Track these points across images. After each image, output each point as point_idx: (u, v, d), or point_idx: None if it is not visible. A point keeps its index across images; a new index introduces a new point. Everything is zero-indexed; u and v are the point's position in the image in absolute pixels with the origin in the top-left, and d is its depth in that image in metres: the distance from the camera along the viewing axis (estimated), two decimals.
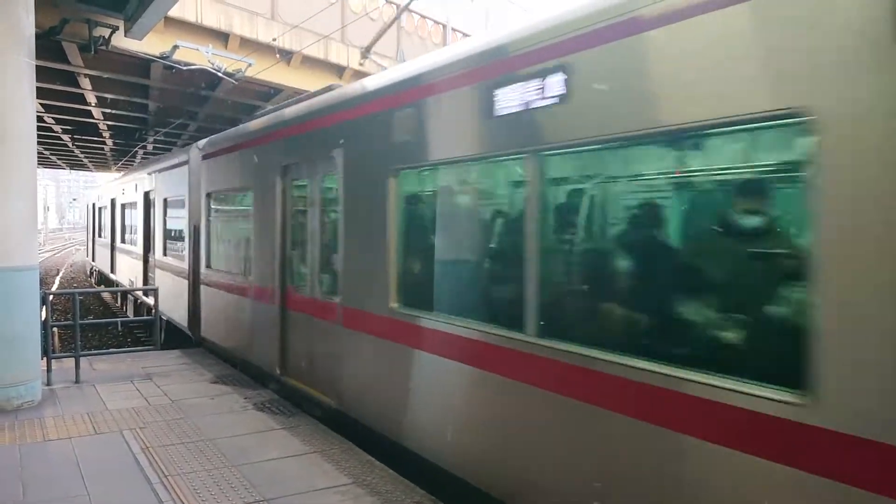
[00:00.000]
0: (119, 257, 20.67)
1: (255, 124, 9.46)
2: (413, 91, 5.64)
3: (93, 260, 29.43)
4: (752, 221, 3.37)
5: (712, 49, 3.22)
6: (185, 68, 15.17)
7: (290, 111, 8.33)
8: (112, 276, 22.10)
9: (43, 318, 8.47)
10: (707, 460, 3.21)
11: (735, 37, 3.13)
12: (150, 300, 13.88)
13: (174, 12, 14.23)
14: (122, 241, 19.93)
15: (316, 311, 7.38)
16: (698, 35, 3.29)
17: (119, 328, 18.82)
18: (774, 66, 2.95)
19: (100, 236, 26.56)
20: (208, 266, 10.99)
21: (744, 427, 3.04)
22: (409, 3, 12.22)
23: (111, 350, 14.15)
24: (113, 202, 22.00)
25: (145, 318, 16.64)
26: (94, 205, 29.36)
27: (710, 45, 3.23)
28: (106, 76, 17.20)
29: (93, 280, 30.95)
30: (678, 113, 3.37)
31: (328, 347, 7.06)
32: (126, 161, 36.17)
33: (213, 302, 10.72)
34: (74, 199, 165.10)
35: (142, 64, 16.45)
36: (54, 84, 17.56)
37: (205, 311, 11.19)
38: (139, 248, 16.56)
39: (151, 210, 15.21)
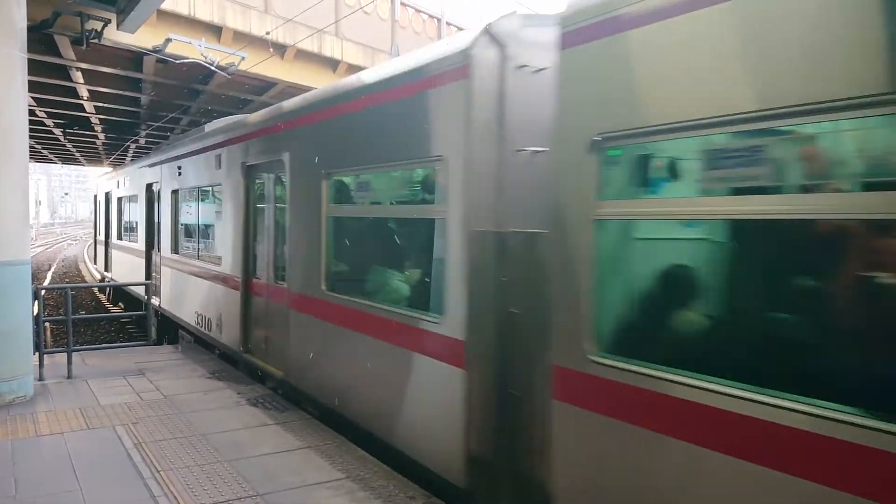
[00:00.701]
0: (166, 274, 12.89)
1: None
2: None
3: (106, 269, 20.84)
4: None
5: None
6: (177, 62, 15.10)
7: None
8: (153, 303, 12.31)
9: (35, 313, 8.44)
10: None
11: None
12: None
13: (167, 5, 14.18)
14: (175, 250, 12.45)
15: None
16: None
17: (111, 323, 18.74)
18: None
19: (119, 239, 18.71)
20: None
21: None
22: None
23: (103, 345, 14.10)
24: (152, 190, 14.43)
25: (138, 312, 14.08)
26: (107, 195, 20.91)
27: None
28: (98, 70, 17.09)
29: (105, 298, 23.11)
30: None
31: None
32: (118, 155, 36.01)
33: None
34: (66, 194, 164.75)
35: (134, 57, 16.38)
36: (46, 77, 17.46)
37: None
38: (229, 268, 9.34)
39: (271, 208, 8.31)
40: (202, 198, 11.16)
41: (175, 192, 12.39)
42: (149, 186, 14.55)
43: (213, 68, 15.24)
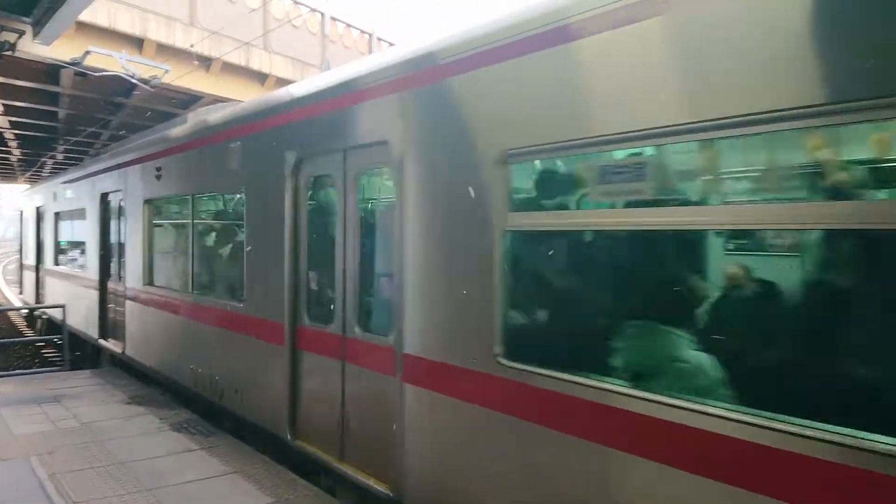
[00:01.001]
0: (134, 312, 9.80)
1: None
2: None
3: (38, 301, 17.11)
4: None
5: None
6: (96, 74, 14.60)
7: None
8: (111, 347, 10.67)
9: None
10: None
11: None
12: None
13: (85, 17, 13.72)
14: (149, 280, 9.31)
15: None
16: None
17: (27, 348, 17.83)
18: None
19: (56, 264, 15.23)
20: None
21: None
22: None
23: (17, 371, 13.37)
24: (108, 202, 11.38)
25: (53, 336, 13.36)
26: (39, 210, 17.18)
27: None
28: (12, 83, 16.42)
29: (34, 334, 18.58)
30: None
31: None
32: (34, 172, 34.56)
33: None
34: None
35: (51, 70, 15.86)
36: None
37: None
38: (258, 308, 6.60)
39: (353, 221, 5.46)
40: (201, 209, 8.48)
41: (150, 202, 9.41)
42: (104, 197, 11.40)
43: (134, 81, 14.79)
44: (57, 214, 15.22)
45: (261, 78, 18.92)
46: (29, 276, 18.61)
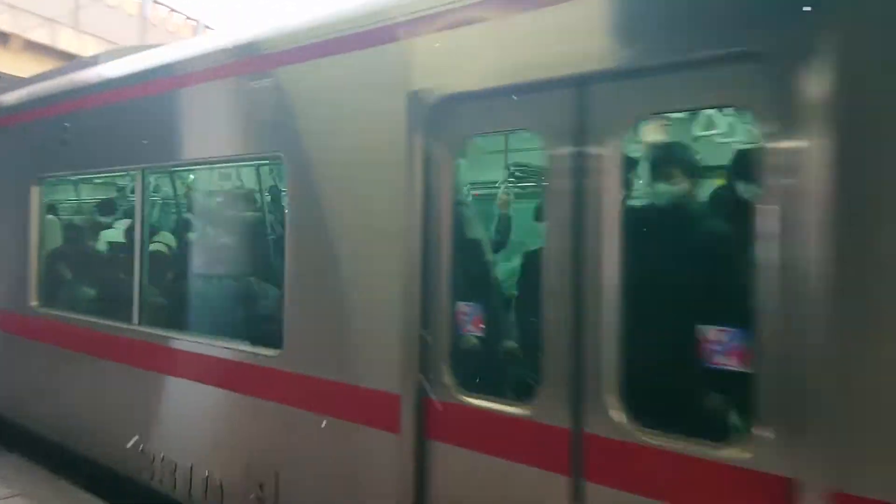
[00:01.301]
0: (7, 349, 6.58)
1: None
2: None
3: None
4: None
5: None
6: None
7: None
8: None
9: None
10: None
11: None
12: None
13: None
14: (41, 300, 6.07)
15: None
16: None
17: None
18: None
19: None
20: None
21: None
22: None
23: None
24: None
25: None
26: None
27: None
28: None
29: None
30: None
31: None
32: None
33: None
34: None
35: None
36: None
37: None
38: (317, 362, 3.84)
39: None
40: (163, 192, 6.32)
41: (47, 182, 6.28)
42: None
43: None
44: None
45: (70, 60, 17.58)
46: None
